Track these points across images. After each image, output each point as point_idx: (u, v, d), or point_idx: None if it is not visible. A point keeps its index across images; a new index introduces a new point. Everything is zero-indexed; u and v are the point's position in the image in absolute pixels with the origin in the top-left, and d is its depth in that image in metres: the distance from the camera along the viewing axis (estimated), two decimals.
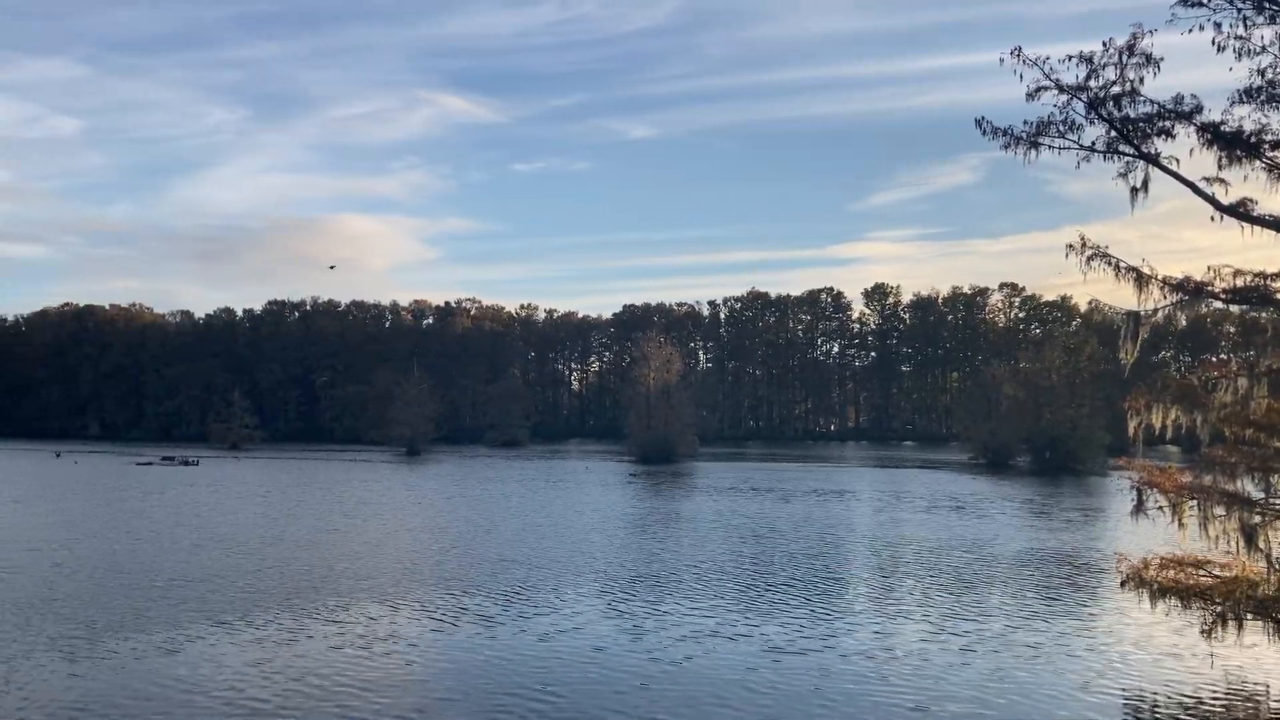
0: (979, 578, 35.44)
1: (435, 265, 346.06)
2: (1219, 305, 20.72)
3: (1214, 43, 18.73)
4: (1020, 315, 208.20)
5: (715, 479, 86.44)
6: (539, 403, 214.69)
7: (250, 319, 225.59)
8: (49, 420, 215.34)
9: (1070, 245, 20.62)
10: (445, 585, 33.41)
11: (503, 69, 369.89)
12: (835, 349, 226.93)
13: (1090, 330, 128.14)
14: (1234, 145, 19.26)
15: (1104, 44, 19.91)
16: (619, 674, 22.44)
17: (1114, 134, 20.40)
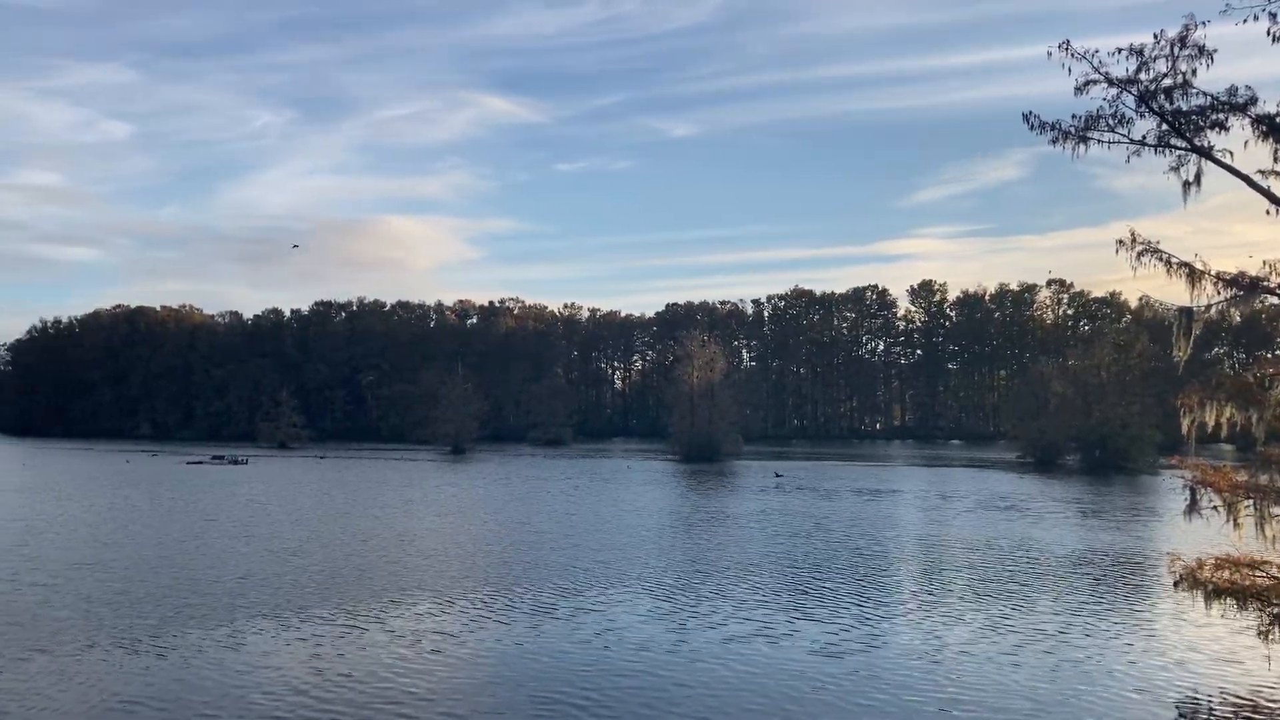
0: (1028, 578, 34.99)
1: (479, 265, 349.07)
2: (1274, 301, 20.26)
3: (1269, 33, 18.37)
4: (1069, 312, 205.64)
5: (760, 478, 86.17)
6: (582, 402, 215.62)
7: (298, 319, 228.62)
8: (101, 420, 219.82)
9: (1120, 241, 20.34)
10: (494, 583, 33.64)
11: (544, 69, 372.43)
12: (880, 347, 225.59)
13: (1140, 327, 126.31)
14: None
15: (1155, 36, 19.63)
16: (664, 674, 22.49)
17: (1165, 127, 20.09)
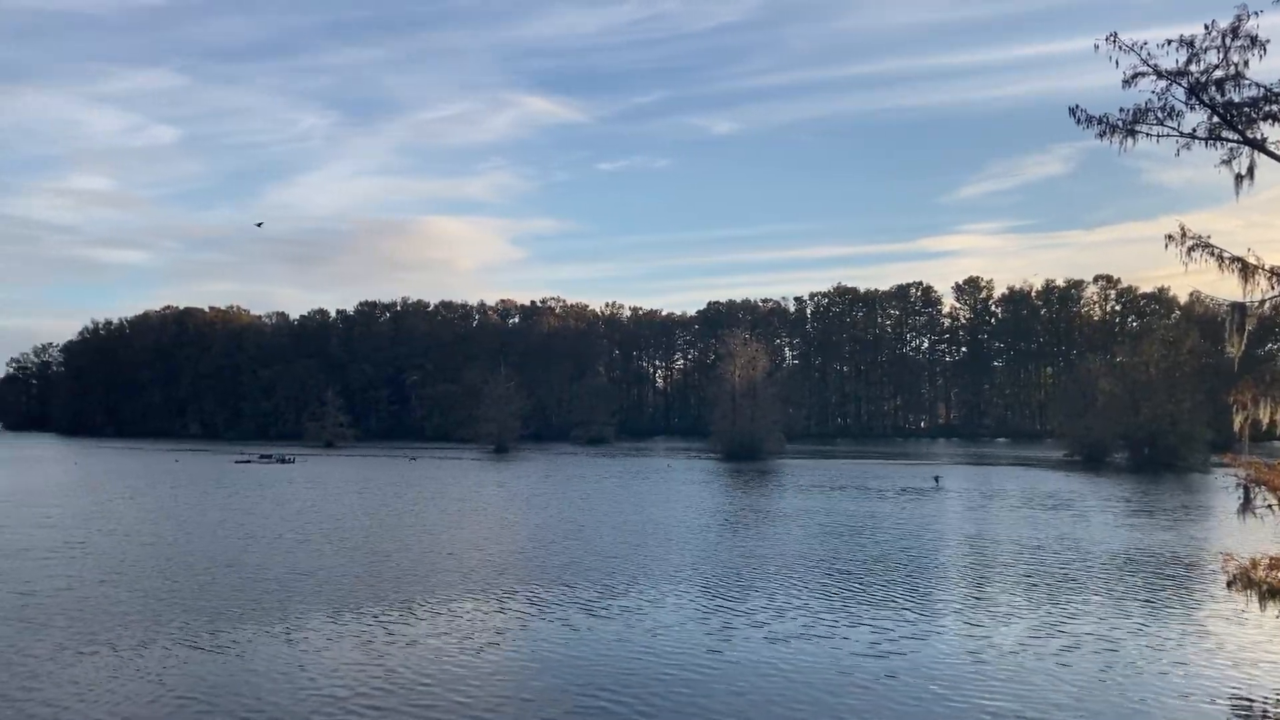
0: (1077, 578, 34.64)
1: (521, 265, 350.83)
2: None
3: None
4: (1116, 308, 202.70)
5: (803, 476, 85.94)
6: (624, 400, 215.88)
7: (343, 320, 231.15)
8: (151, 420, 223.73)
9: (1170, 235, 20.11)
10: (543, 580, 33.93)
11: (585, 68, 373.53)
12: (925, 344, 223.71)
13: (1191, 323, 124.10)
14: None
15: (1205, 27, 19.40)
16: (710, 673, 22.63)
17: (1216, 120, 19.84)
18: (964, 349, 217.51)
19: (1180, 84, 19.75)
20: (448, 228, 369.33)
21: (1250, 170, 19.94)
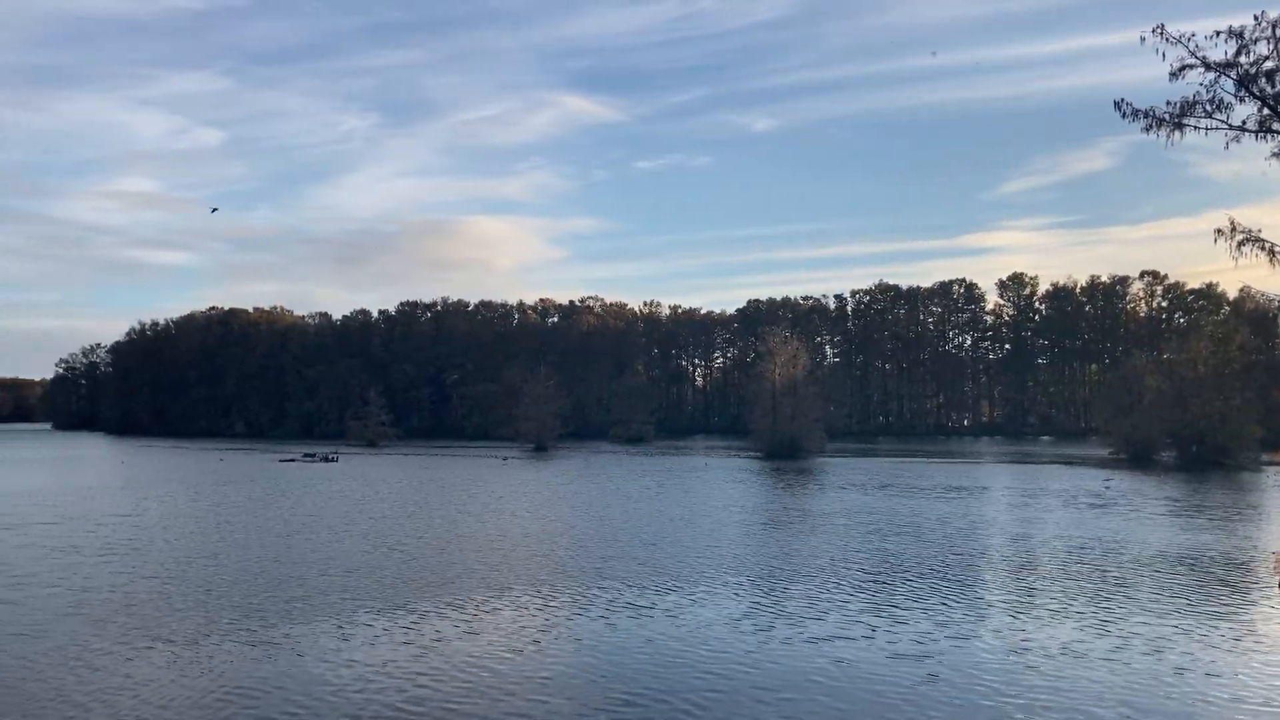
0: (1124, 578, 34.24)
1: (561, 264, 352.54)
2: None
3: None
4: (1163, 304, 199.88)
5: (844, 475, 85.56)
6: (663, 399, 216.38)
7: (385, 320, 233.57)
8: (196, 419, 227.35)
9: (1219, 230, 19.97)
10: (587, 579, 34.13)
11: (624, 67, 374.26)
12: (968, 342, 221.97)
13: (1240, 319, 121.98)
14: None
15: (1255, 18, 19.22)
16: (752, 673, 22.66)
17: (1267, 112, 19.60)
18: (1007, 346, 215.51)
19: (1229, 76, 19.58)
20: (488, 228, 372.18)
21: None
